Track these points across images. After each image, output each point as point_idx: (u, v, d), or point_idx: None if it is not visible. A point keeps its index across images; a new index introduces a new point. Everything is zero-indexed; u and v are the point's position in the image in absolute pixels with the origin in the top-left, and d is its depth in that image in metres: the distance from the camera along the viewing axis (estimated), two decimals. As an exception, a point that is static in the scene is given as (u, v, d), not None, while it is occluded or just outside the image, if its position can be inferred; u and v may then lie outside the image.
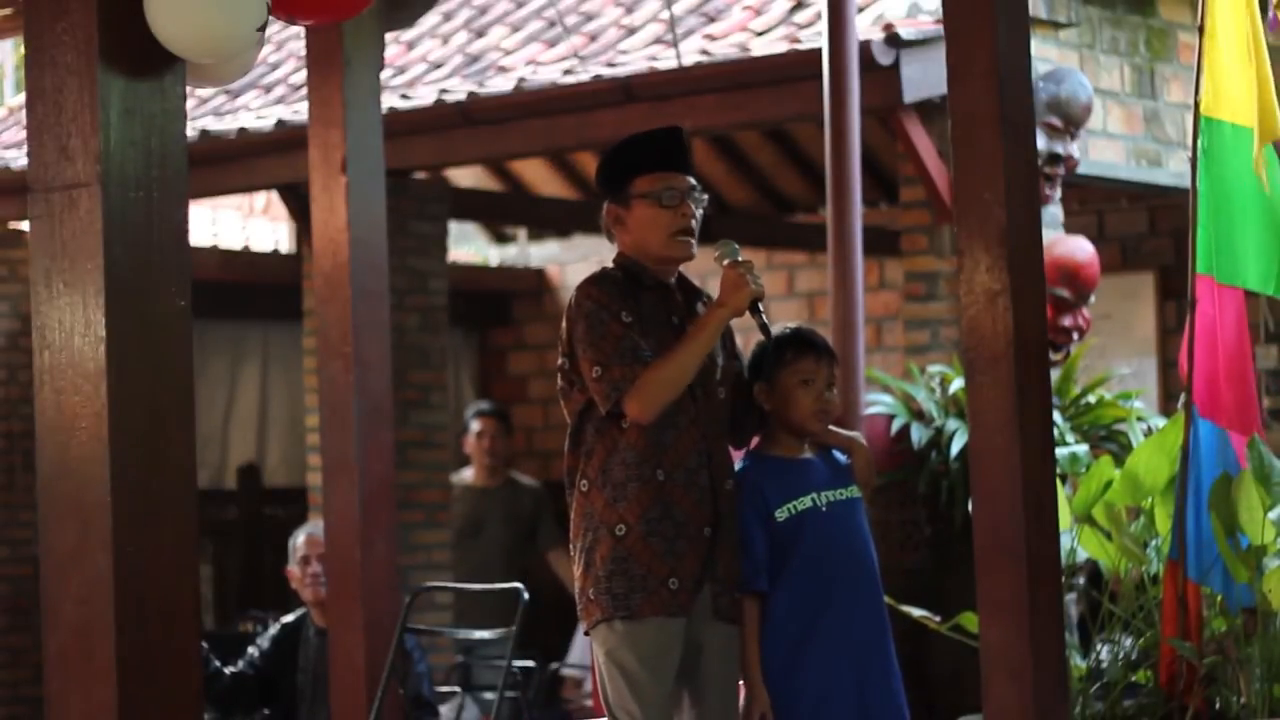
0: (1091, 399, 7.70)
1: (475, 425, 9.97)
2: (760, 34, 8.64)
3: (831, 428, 5.20)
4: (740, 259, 4.92)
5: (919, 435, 7.60)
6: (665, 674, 4.87)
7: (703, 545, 4.91)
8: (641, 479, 4.84)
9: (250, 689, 7.56)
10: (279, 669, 7.57)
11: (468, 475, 10.06)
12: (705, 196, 5.02)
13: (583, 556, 4.90)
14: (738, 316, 4.92)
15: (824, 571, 5.05)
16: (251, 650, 7.65)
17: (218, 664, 7.42)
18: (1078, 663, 5.94)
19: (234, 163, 9.53)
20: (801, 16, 8.62)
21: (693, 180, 4.99)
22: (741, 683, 5.06)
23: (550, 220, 11.95)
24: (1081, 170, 8.26)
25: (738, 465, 5.11)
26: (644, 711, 4.82)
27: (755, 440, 5.20)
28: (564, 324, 4.93)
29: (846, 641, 5.05)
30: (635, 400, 4.79)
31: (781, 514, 5.05)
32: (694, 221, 4.96)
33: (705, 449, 4.94)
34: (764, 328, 4.98)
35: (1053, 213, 8.06)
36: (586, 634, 4.95)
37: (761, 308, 4.92)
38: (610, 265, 5.01)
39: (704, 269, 5.11)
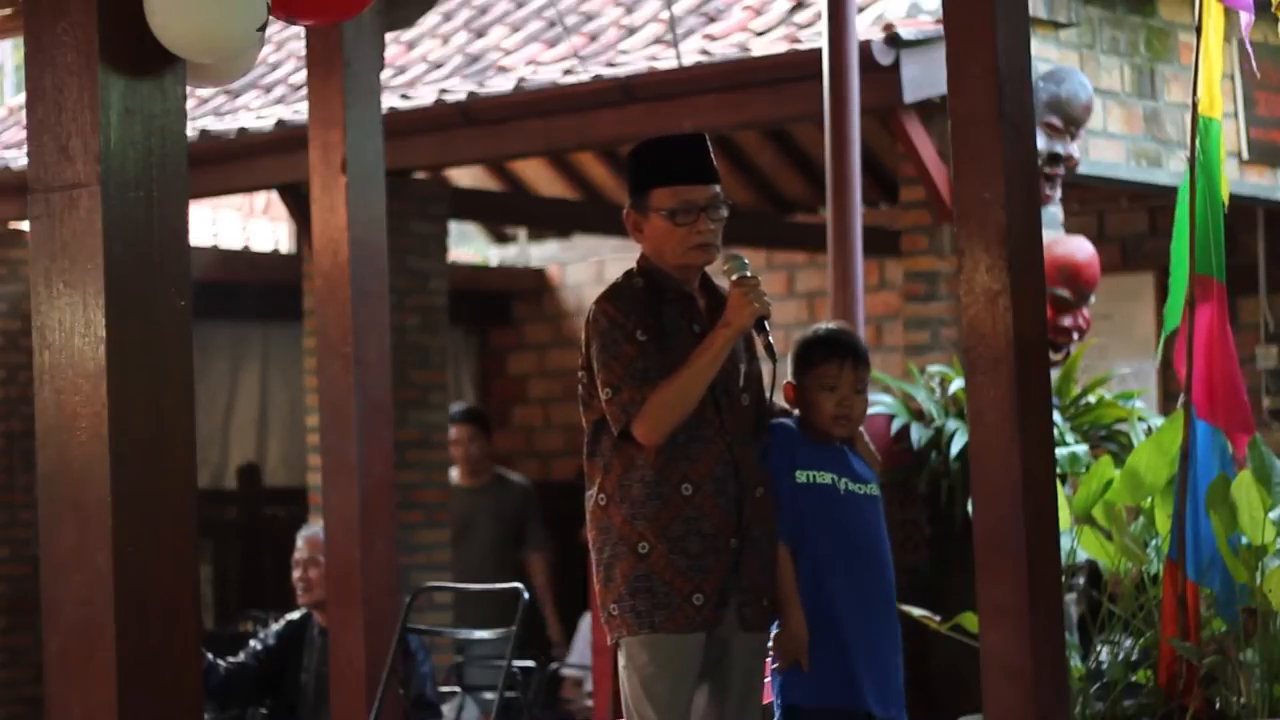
0: (1091, 399, 7.69)
1: (450, 432, 9.89)
2: (760, 34, 8.64)
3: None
4: (748, 274, 4.91)
5: (919, 435, 7.59)
6: (683, 683, 4.86)
7: (728, 557, 4.88)
8: (662, 496, 4.83)
9: (249, 680, 7.55)
10: (281, 665, 7.57)
11: (455, 475, 10.03)
12: (728, 204, 4.98)
13: (603, 570, 4.89)
14: (743, 335, 4.92)
15: (835, 556, 5.04)
16: (255, 643, 7.65)
17: (211, 657, 7.40)
18: (1077, 663, 5.94)
19: (234, 163, 9.53)
20: (801, 16, 8.61)
21: (715, 189, 4.95)
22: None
23: (550, 220, 11.95)
24: (1081, 170, 8.25)
25: (775, 422, 5.10)
26: (659, 717, 4.82)
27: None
28: (584, 336, 4.92)
29: (849, 635, 5.04)
30: (642, 425, 4.79)
31: (802, 476, 5.05)
32: (710, 235, 4.93)
33: (732, 458, 4.91)
34: (769, 348, 4.95)
35: (1053, 213, 8.05)
36: (612, 644, 4.93)
37: (768, 326, 4.93)
38: (633, 270, 4.98)
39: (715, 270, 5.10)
